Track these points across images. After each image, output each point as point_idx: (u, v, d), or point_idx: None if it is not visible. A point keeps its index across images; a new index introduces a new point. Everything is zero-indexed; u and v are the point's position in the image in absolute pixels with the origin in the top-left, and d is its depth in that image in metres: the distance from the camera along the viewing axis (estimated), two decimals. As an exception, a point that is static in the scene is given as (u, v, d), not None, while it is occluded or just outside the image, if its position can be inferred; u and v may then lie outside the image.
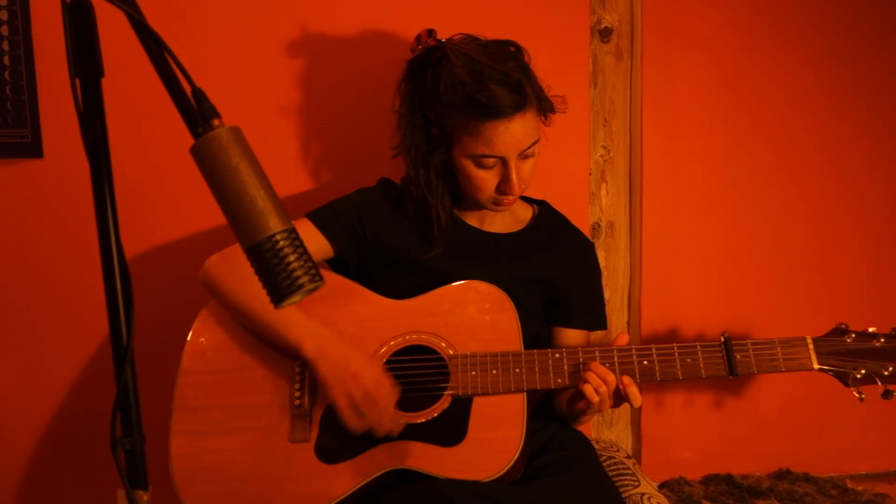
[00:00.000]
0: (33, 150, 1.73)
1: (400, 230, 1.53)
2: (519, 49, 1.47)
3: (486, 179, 1.43)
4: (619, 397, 1.35)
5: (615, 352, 1.37)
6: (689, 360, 1.35)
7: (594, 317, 1.63)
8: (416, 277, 1.49)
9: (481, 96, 1.35)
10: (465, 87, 1.37)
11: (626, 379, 1.34)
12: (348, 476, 1.31)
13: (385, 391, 1.32)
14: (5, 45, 1.69)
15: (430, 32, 1.48)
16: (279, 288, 0.86)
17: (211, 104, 0.89)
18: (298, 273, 0.86)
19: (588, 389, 1.33)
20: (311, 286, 0.87)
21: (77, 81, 0.95)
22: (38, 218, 1.78)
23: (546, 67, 1.52)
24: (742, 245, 1.96)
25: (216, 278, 1.46)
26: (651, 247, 1.95)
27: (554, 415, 1.57)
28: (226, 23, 1.77)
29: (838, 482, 1.94)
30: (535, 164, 1.47)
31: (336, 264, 1.57)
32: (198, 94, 0.89)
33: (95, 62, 0.95)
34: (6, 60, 1.69)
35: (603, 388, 1.32)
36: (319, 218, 1.52)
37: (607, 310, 1.96)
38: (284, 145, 1.81)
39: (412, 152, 1.48)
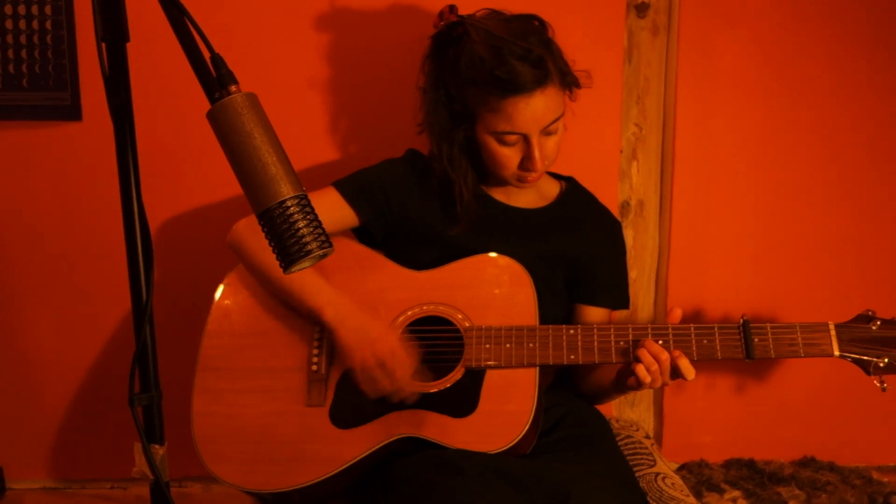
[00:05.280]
0: (73, 112, 1.78)
1: (425, 203, 1.54)
2: (543, 23, 1.45)
3: (509, 156, 1.43)
4: (674, 373, 1.32)
5: (630, 329, 1.36)
6: (705, 342, 1.34)
7: (618, 296, 1.62)
8: (440, 251, 1.49)
9: (501, 72, 1.34)
10: (484, 63, 1.36)
11: (676, 352, 1.32)
12: (360, 442, 1.34)
13: (401, 359, 1.34)
14: (48, 10, 1.73)
15: (452, 8, 1.47)
16: (288, 253, 0.88)
17: (229, 70, 0.90)
18: (308, 239, 0.88)
19: (640, 369, 1.31)
20: (320, 252, 0.89)
21: (103, 45, 0.98)
22: (75, 179, 1.83)
23: (580, 42, 1.49)
24: (774, 228, 1.92)
25: (242, 243, 1.49)
26: (681, 227, 1.92)
27: (579, 392, 1.57)
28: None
29: (864, 473, 1.91)
30: (560, 141, 1.45)
31: (362, 234, 1.58)
32: (216, 60, 0.90)
33: (121, 27, 0.97)
34: (48, 25, 1.74)
35: (655, 367, 1.31)
36: (345, 187, 1.53)
37: (634, 289, 1.95)
38: (314, 117, 1.83)
39: (435, 129, 1.48)
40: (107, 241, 1.83)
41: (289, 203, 0.87)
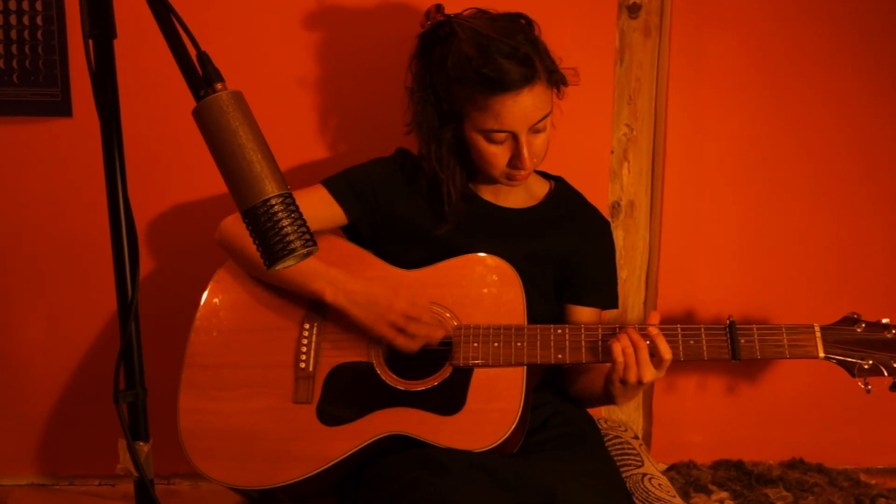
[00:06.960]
0: (63, 108, 1.77)
1: (414, 203, 1.54)
2: (529, 22, 1.45)
3: (498, 154, 1.43)
4: (651, 367, 1.32)
5: (617, 329, 1.36)
6: (691, 342, 1.34)
7: (607, 296, 1.62)
8: (428, 250, 1.49)
9: (488, 70, 1.34)
10: (471, 61, 1.36)
11: (653, 330, 1.33)
12: (347, 439, 1.34)
13: (415, 314, 1.37)
14: (38, 6, 1.73)
15: (439, 7, 1.47)
16: (272, 251, 0.89)
17: (215, 68, 0.90)
18: (291, 237, 0.88)
19: (616, 348, 1.32)
20: (304, 251, 0.89)
21: (91, 42, 0.98)
22: (65, 176, 1.83)
23: (571, 42, 1.48)
24: (763, 230, 1.93)
25: (232, 238, 1.49)
26: (671, 228, 1.93)
27: (567, 396, 1.57)
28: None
29: (852, 475, 1.91)
30: (548, 138, 1.46)
31: (350, 233, 1.58)
32: (202, 57, 0.90)
33: (108, 23, 0.98)
34: (39, 20, 1.73)
35: (630, 350, 1.32)
36: (333, 185, 1.53)
37: (624, 290, 1.95)
38: (303, 116, 1.83)
39: (423, 128, 1.48)
40: (95, 238, 1.82)
41: (273, 201, 0.87)
